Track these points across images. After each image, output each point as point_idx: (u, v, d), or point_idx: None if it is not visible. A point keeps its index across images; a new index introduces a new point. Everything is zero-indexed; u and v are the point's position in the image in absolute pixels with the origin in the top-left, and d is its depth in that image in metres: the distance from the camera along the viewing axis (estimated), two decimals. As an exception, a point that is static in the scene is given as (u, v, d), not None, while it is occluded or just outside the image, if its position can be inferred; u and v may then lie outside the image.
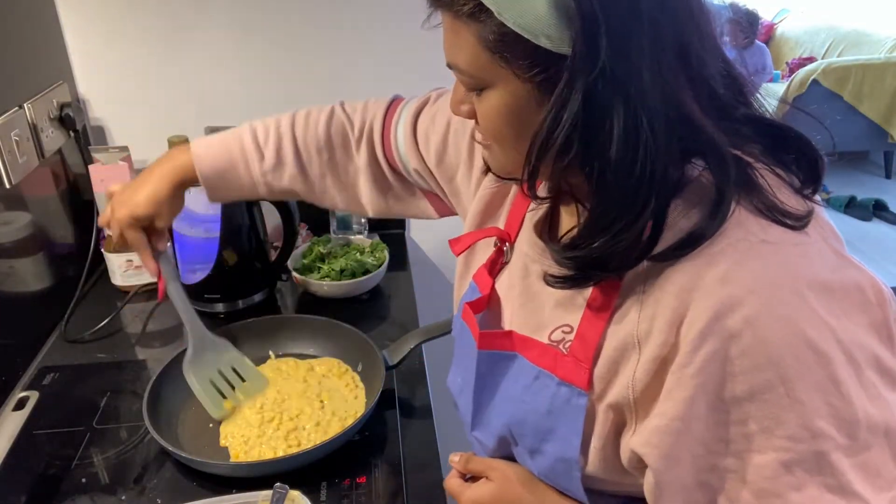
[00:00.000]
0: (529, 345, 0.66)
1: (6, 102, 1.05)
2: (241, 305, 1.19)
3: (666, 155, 0.52)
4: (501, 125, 0.58)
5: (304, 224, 1.38)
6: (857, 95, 3.88)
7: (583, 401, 0.60)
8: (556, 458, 0.64)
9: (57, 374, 1.03)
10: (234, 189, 0.91)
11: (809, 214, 0.55)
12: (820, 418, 0.50)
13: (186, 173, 0.88)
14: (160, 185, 0.87)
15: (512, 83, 0.55)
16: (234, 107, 1.36)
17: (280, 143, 0.90)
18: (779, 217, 0.54)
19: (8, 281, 1.05)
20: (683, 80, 0.52)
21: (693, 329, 0.52)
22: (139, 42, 1.29)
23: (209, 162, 0.88)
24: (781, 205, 0.54)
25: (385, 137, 0.90)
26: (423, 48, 1.35)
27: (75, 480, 0.84)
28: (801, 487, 0.51)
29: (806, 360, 0.50)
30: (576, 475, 0.63)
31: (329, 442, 0.84)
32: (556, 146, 0.53)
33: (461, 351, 0.76)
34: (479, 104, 0.59)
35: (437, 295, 1.56)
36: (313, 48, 1.33)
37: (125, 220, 0.87)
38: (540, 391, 0.64)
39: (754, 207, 0.54)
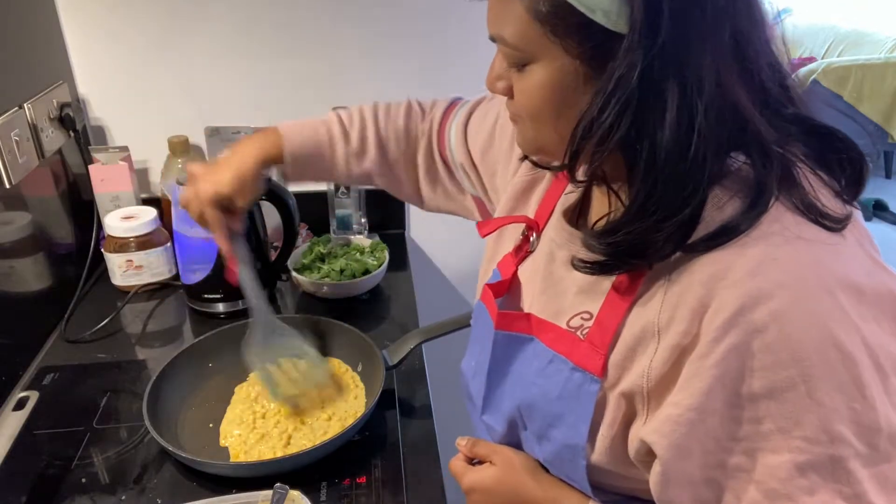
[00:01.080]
0: (546, 328, 0.66)
1: (6, 102, 1.05)
2: (241, 305, 1.18)
3: (716, 144, 0.51)
4: (542, 102, 0.57)
5: (304, 224, 1.38)
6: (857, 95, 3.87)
7: (595, 387, 0.60)
8: (563, 445, 0.63)
9: (57, 374, 1.03)
10: (315, 170, 0.93)
11: (847, 218, 0.54)
12: (840, 422, 0.48)
13: (271, 152, 0.89)
14: (245, 163, 0.87)
15: (559, 59, 0.54)
16: (234, 107, 1.36)
17: (364, 129, 0.93)
18: (817, 217, 0.53)
19: (8, 281, 1.05)
20: (736, 70, 0.52)
21: (717, 319, 0.50)
22: (139, 42, 1.29)
23: (298, 141, 0.90)
24: (821, 206, 0.53)
25: (440, 133, 0.94)
26: (424, 49, 1.35)
27: (75, 480, 0.84)
28: (814, 492, 0.49)
29: (831, 361, 0.48)
30: (581, 463, 0.62)
31: (329, 442, 0.84)
32: (605, 127, 0.52)
33: (478, 334, 0.76)
34: (519, 80, 0.58)
35: (437, 295, 1.56)
36: (313, 48, 1.33)
37: (209, 197, 0.86)
38: (553, 375, 0.63)
39: (792, 204, 0.53)
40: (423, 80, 1.38)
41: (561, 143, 0.57)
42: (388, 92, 1.38)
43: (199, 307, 1.19)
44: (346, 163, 0.93)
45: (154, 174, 1.40)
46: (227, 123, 1.36)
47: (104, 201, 1.29)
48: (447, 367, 1.42)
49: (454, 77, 1.37)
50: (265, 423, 0.91)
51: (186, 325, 1.19)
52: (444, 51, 1.36)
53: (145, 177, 1.40)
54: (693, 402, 0.52)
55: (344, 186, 1.38)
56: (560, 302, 0.67)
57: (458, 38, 1.35)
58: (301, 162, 0.90)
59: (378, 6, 1.31)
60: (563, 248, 0.67)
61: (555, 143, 0.58)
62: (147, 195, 1.40)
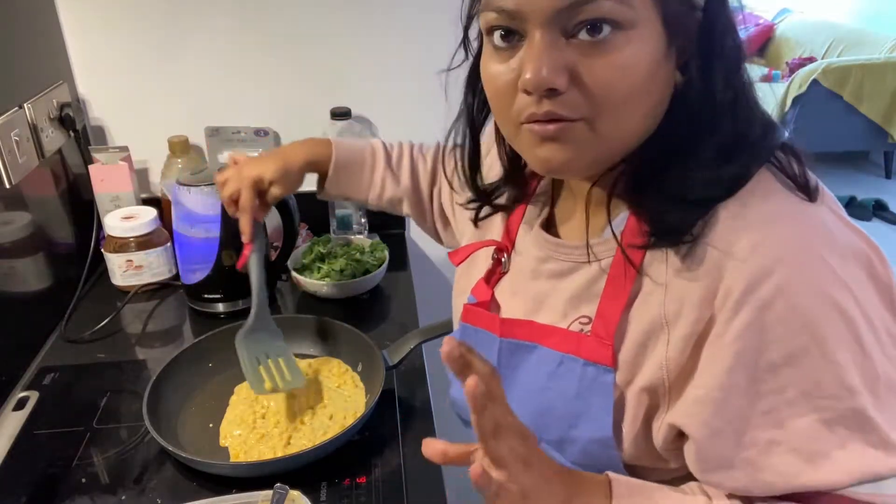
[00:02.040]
0: (549, 332, 0.65)
1: (6, 102, 1.05)
2: (242, 305, 1.19)
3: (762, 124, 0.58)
4: (639, 79, 0.53)
5: (304, 224, 1.38)
6: (857, 95, 3.87)
7: (609, 378, 0.61)
8: (589, 440, 0.63)
9: (57, 374, 1.03)
10: (353, 183, 0.99)
11: (818, 187, 0.57)
12: (853, 377, 0.52)
13: (319, 156, 0.96)
14: (294, 157, 0.94)
15: (654, 24, 0.52)
16: (234, 107, 1.36)
17: (401, 157, 1.00)
18: (798, 192, 0.56)
19: (8, 281, 1.05)
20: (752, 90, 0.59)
21: (728, 300, 0.53)
22: (139, 42, 1.29)
23: (345, 152, 0.96)
24: (800, 179, 0.56)
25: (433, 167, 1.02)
26: (424, 50, 1.35)
27: (75, 480, 0.84)
28: (845, 445, 0.52)
29: (835, 322, 0.51)
30: (614, 454, 0.62)
31: (329, 442, 0.84)
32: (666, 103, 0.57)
33: None
34: (601, 60, 0.52)
35: (437, 295, 1.56)
36: (314, 49, 1.33)
37: (252, 178, 0.90)
38: (565, 375, 0.64)
39: (778, 179, 0.57)
40: (424, 80, 1.38)
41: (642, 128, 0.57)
42: (389, 92, 1.38)
43: (199, 307, 1.19)
44: (382, 183, 0.99)
45: (154, 174, 1.40)
46: (227, 123, 1.36)
47: (104, 201, 1.29)
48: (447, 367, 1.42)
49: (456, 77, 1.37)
50: (265, 423, 0.91)
51: (186, 325, 1.19)
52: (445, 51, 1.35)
53: (145, 177, 1.40)
54: (716, 381, 0.54)
55: (344, 186, 1.38)
56: (552, 311, 0.67)
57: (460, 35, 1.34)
58: (343, 172, 0.96)
59: (378, 6, 1.31)
60: (551, 261, 0.68)
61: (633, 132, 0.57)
62: (147, 195, 1.40)
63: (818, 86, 3.86)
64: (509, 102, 0.57)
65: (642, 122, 0.56)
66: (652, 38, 0.52)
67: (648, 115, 0.56)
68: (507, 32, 0.55)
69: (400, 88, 1.38)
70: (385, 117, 1.41)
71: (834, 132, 3.98)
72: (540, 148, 0.57)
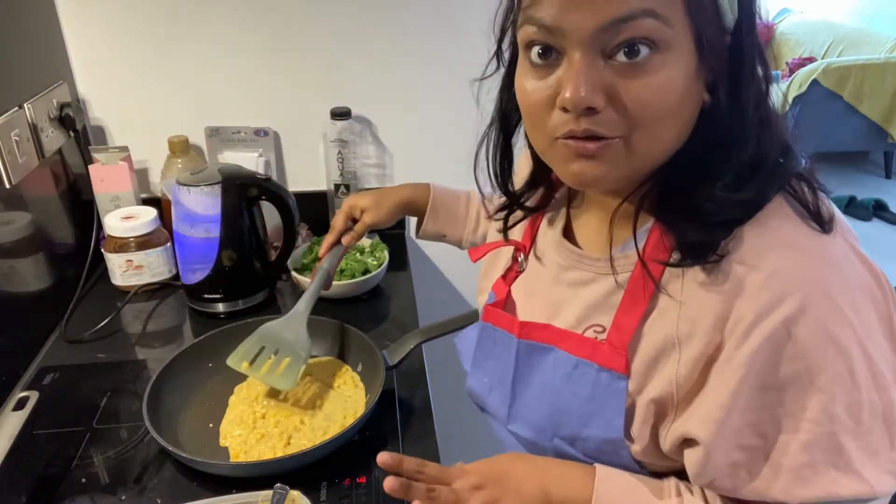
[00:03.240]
0: (566, 336, 0.69)
1: (6, 102, 1.05)
2: (241, 305, 1.19)
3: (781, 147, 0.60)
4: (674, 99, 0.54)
5: (304, 224, 1.38)
6: (857, 95, 3.87)
7: (622, 384, 0.64)
8: (603, 440, 0.66)
9: (57, 374, 1.03)
10: (448, 222, 1.07)
11: (832, 218, 0.59)
12: (837, 405, 0.55)
13: (417, 196, 1.05)
14: (392, 192, 1.04)
15: (688, 45, 0.54)
16: (234, 107, 1.36)
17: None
18: (811, 222, 0.58)
19: (8, 281, 1.05)
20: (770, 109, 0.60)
21: (738, 328, 0.56)
22: (139, 42, 1.29)
23: (442, 192, 1.05)
24: (815, 209, 0.59)
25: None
26: (424, 51, 1.35)
27: (75, 480, 0.84)
28: (814, 465, 0.56)
29: (831, 357, 0.55)
30: (625, 453, 0.66)
31: (329, 442, 0.84)
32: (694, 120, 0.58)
33: (487, 351, 0.79)
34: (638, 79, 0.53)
35: (437, 295, 1.56)
36: (313, 49, 1.33)
37: (349, 203, 1.02)
38: (581, 379, 0.67)
39: (794, 209, 0.59)
40: (425, 80, 1.38)
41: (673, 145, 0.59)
42: (389, 92, 1.38)
43: (199, 307, 1.19)
44: (477, 217, 1.06)
45: (154, 174, 1.40)
46: (227, 123, 1.36)
47: (104, 201, 1.29)
48: (447, 367, 1.42)
49: (456, 77, 1.38)
50: (265, 423, 0.91)
51: (186, 325, 1.19)
52: (446, 50, 1.36)
53: (145, 177, 1.40)
54: (724, 400, 0.57)
55: (344, 186, 1.38)
56: (570, 316, 0.70)
57: (462, 36, 1.35)
58: (441, 209, 1.04)
59: (379, 5, 1.31)
60: (572, 270, 0.71)
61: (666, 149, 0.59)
62: (147, 195, 1.40)
63: (818, 86, 3.86)
64: (545, 118, 0.58)
65: (674, 140, 0.59)
66: (685, 60, 0.54)
67: (680, 132, 0.58)
68: (545, 50, 0.56)
69: (400, 88, 1.38)
70: (385, 117, 1.41)
71: (834, 132, 3.98)
72: (574, 163, 0.58)
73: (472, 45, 1.34)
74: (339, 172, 1.37)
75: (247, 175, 1.16)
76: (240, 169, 1.17)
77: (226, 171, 1.13)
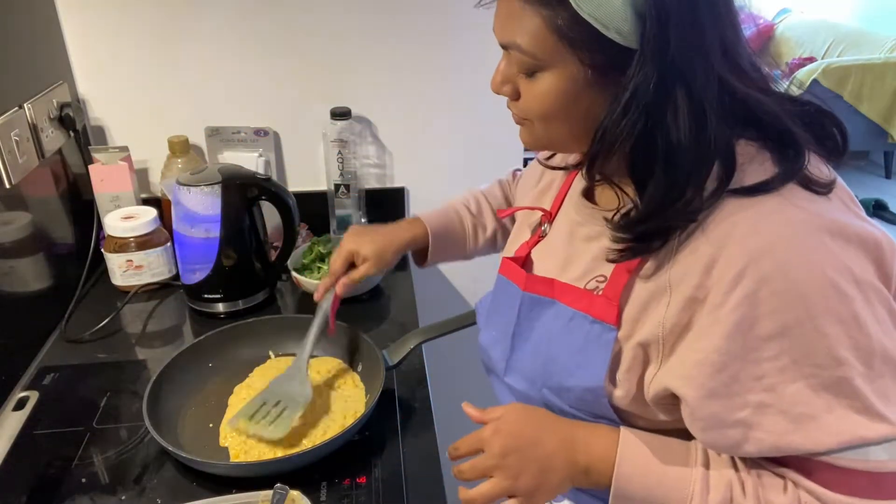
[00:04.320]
0: (567, 290, 0.73)
1: (6, 102, 1.05)
2: (241, 305, 1.19)
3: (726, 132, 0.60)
4: (553, 105, 0.64)
5: (304, 224, 1.38)
6: (857, 95, 3.87)
7: (611, 335, 0.67)
8: (584, 389, 0.70)
9: (57, 374, 1.03)
10: (452, 244, 1.06)
11: (833, 182, 0.62)
12: (843, 349, 0.56)
13: (416, 237, 1.02)
14: (393, 239, 1.01)
15: (571, 67, 0.60)
16: (234, 107, 1.36)
17: (479, 201, 1.09)
18: (807, 184, 0.61)
19: (8, 281, 1.05)
20: (728, 68, 0.60)
21: (727, 273, 0.58)
22: (139, 42, 1.29)
23: (437, 222, 1.04)
24: (810, 174, 0.61)
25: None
26: (424, 51, 1.35)
27: (75, 480, 0.84)
28: (832, 409, 0.57)
29: (830, 298, 0.56)
30: (604, 401, 0.69)
31: (329, 442, 0.84)
32: (625, 131, 0.59)
33: (499, 304, 0.84)
34: (529, 85, 0.64)
35: (437, 295, 1.56)
36: (314, 49, 1.33)
37: (348, 249, 0.99)
38: (574, 330, 0.71)
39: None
40: (425, 80, 1.38)
41: (571, 138, 0.67)
42: (389, 92, 1.38)
43: (199, 307, 1.19)
44: (475, 232, 1.07)
45: (154, 174, 1.40)
46: (227, 123, 1.36)
47: (104, 201, 1.29)
48: (447, 367, 1.42)
49: (457, 77, 1.38)
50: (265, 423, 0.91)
51: (186, 325, 1.19)
52: (445, 50, 1.36)
53: (145, 177, 1.40)
54: (716, 345, 0.59)
55: (344, 186, 1.38)
56: (577, 269, 0.74)
57: (460, 37, 1.35)
58: (441, 239, 1.03)
59: (378, 5, 1.31)
60: (585, 225, 0.76)
61: (563, 139, 0.68)
62: (147, 195, 1.40)
63: (818, 86, 3.86)
64: None
65: (572, 133, 0.67)
66: (566, 76, 0.61)
67: (575, 128, 0.66)
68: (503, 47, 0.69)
69: (400, 88, 1.38)
70: (385, 117, 1.41)
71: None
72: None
73: (472, 45, 1.35)
74: (339, 172, 1.37)
75: (247, 175, 1.16)
76: (240, 169, 1.17)
77: (226, 171, 1.13)
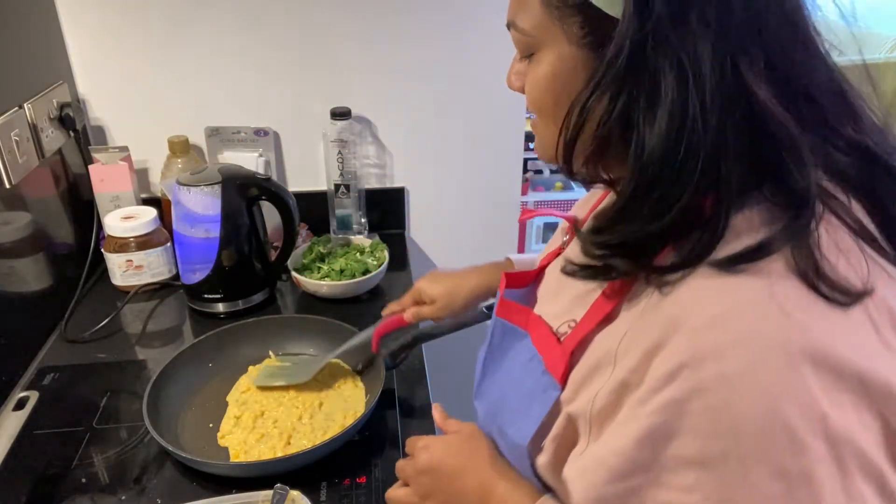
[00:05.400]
0: (539, 325, 0.65)
1: (6, 102, 1.05)
2: (241, 305, 1.19)
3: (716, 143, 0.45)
4: (544, 92, 0.55)
5: (304, 224, 1.38)
6: (856, 95, 3.87)
7: (555, 394, 0.57)
8: (512, 443, 0.63)
9: (57, 374, 1.03)
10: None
11: (864, 294, 0.44)
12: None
13: (494, 282, 0.91)
14: (466, 282, 0.93)
15: (561, 45, 0.52)
16: (234, 107, 1.36)
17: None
18: (815, 282, 0.44)
19: (8, 281, 1.05)
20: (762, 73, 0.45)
21: (662, 367, 0.45)
22: (139, 42, 1.29)
23: (523, 264, 0.91)
24: (828, 269, 0.44)
25: None
26: (424, 52, 1.35)
27: (75, 480, 0.84)
28: None
29: (774, 443, 0.41)
30: (527, 463, 0.61)
31: (329, 442, 0.84)
32: (595, 115, 0.49)
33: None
34: (529, 73, 0.56)
35: (437, 295, 1.56)
36: (313, 49, 1.33)
37: (417, 287, 0.95)
38: (529, 374, 0.62)
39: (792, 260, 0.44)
40: (425, 80, 1.38)
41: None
42: (389, 91, 1.38)
43: (199, 307, 1.19)
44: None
45: (154, 174, 1.40)
46: (227, 123, 1.36)
47: (104, 201, 1.29)
48: (447, 367, 1.42)
49: (456, 77, 1.38)
50: (264, 423, 0.91)
51: (186, 325, 1.19)
52: (445, 50, 1.36)
53: (145, 177, 1.40)
54: (622, 446, 0.48)
55: (344, 186, 1.38)
56: (559, 304, 0.65)
57: (460, 37, 1.35)
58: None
59: (378, 5, 1.31)
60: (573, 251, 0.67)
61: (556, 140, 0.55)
62: (147, 195, 1.40)
63: (818, 86, 3.86)
64: None
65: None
66: (557, 55, 0.53)
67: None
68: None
69: (400, 88, 1.38)
70: (385, 117, 1.41)
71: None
72: None
73: (473, 45, 1.35)
74: (339, 172, 1.37)
75: (247, 175, 1.16)
76: (240, 169, 1.17)
77: (226, 171, 1.13)
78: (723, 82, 0.45)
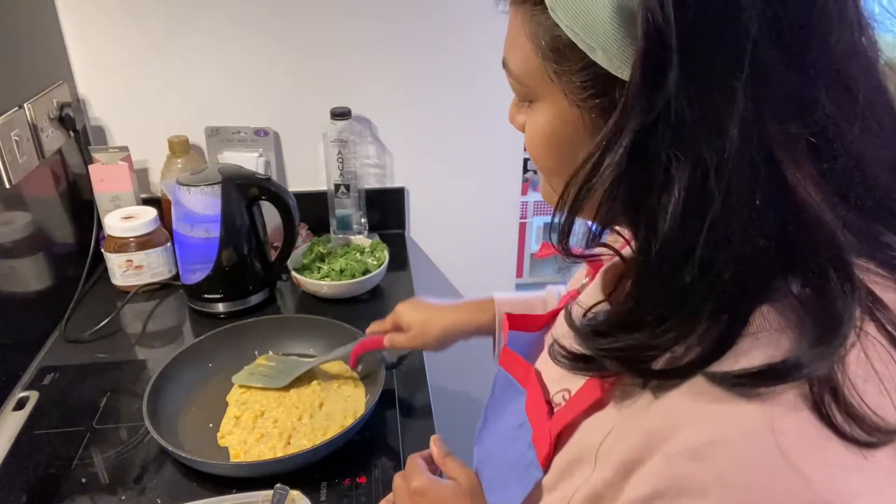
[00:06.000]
0: (535, 388, 0.58)
1: (6, 102, 1.05)
2: (241, 305, 1.19)
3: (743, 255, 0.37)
4: (541, 150, 0.47)
5: (304, 224, 1.38)
6: (857, 95, 3.87)
7: (537, 475, 0.52)
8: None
9: (57, 374, 1.03)
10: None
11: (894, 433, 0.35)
12: None
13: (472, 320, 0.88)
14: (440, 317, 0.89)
15: (560, 103, 0.43)
16: (234, 107, 1.36)
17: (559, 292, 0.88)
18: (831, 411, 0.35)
19: (8, 281, 1.05)
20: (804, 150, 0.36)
21: (639, 488, 0.39)
22: (139, 42, 1.29)
23: (509, 304, 0.87)
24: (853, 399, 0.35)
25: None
26: (424, 52, 1.35)
27: (75, 480, 0.84)
28: None
29: None
30: None
31: (329, 442, 0.84)
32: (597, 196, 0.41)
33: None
34: (528, 122, 0.48)
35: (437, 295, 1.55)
36: (314, 49, 1.33)
37: (396, 311, 0.92)
38: (517, 441, 0.56)
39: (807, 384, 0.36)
40: (425, 80, 1.38)
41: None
42: (389, 91, 1.38)
43: (199, 307, 1.19)
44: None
45: (154, 174, 1.40)
46: (227, 123, 1.36)
47: (104, 201, 1.29)
48: (447, 367, 1.42)
49: (457, 77, 1.38)
50: (264, 423, 0.91)
51: (186, 325, 1.19)
52: (445, 51, 1.36)
53: (145, 177, 1.40)
54: None
55: (344, 186, 1.38)
56: (555, 372, 0.56)
57: (460, 38, 1.35)
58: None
59: (378, 5, 1.31)
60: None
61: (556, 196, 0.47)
62: (147, 195, 1.40)
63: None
64: None
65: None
66: (554, 113, 0.45)
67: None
68: None
69: (400, 88, 1.38)
70: (385, 117, 1.41)
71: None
72: None
73: (472, 47, 1.35)
74: (339, 172, 1.37)
75: (247, 175, 1.16)
76: (240, 169, 1.17)
77: (226, 171, 1.13)
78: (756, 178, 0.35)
